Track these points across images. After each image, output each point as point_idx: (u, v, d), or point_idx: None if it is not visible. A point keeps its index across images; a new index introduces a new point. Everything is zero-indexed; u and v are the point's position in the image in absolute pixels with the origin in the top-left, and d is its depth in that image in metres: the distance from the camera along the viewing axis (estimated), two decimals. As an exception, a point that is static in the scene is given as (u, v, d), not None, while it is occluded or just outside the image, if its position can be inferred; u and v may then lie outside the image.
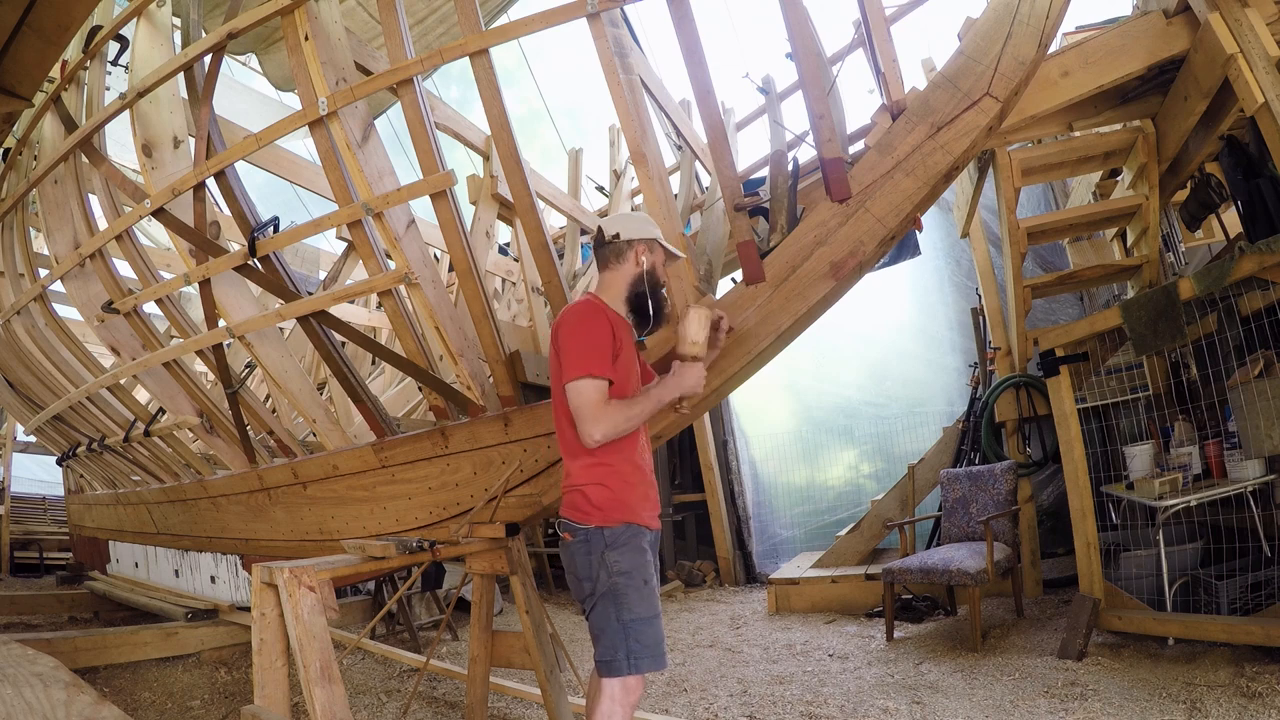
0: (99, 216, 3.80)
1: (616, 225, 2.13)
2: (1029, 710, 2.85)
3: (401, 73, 2.62)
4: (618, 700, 1.93)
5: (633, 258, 2.11)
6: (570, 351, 1.94)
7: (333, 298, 3.08)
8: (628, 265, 2.12)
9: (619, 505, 1.99)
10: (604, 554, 1.95)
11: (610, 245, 2.12)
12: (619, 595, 1.94)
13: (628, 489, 2.02)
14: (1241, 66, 3.28)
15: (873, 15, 2.41)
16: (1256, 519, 3.22)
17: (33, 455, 8.70)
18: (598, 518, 1.97)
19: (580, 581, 1.99)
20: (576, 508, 2.00)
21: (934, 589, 4.64)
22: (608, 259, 2.13)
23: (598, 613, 1.96)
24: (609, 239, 2.12)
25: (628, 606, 1.93)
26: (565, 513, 2.04)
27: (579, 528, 1.99)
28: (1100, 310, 4.71)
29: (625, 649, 1.91)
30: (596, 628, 1.97)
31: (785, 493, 7.06)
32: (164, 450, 4.25)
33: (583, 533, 1.98)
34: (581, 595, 2.01)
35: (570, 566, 2.02)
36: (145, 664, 3.81)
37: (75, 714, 1.95)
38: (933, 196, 2.43)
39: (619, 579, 1.94)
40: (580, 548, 1.98)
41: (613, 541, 1.96)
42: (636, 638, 1.92)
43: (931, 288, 6.76)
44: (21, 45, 2.05)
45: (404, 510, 3.14)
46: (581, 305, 2.02)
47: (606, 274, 2.15)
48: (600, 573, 1.95)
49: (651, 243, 2.14)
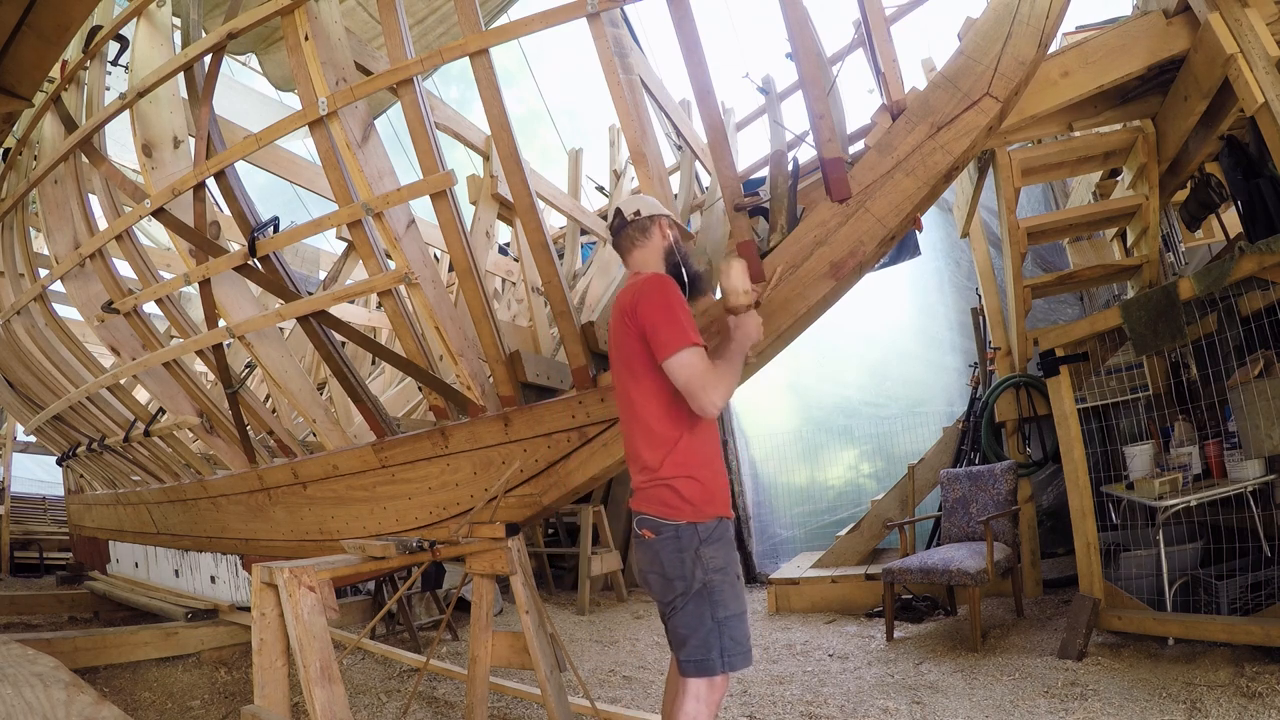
0: (99, 216, 3.80)
1: (635, 204, 2.12)
2: (1029, 710, 2.85)
3: (401, 73, 2.62)
4: (704, 700, 1.86)
5: (658, 232, 2.10)
6: (663, 326, 1.85)
7: (333, 298, 3.08)
8: (655, 240, 2.10)
9: (710, 499, 1.91)
10: (699, 550, 1.86)
11: (634, 224, 2.10)
12: (714, 592, 1.86)
13: (716, 480, 1.95)
14: (1241, 66, 3.28)
15: (873, 15, 2.41)
16: (1256, 519, 3.21)
17: (33, 455, 8.69)
18: (689, 513, 1.88)
19: (669, 581, 1.88)
20: (665, 503, 1.89)
21: (934, 589, 4.63)
22: (635, 238, 2.10)
23: (688, 612, 1.86)
24: (631, 218, 2.10)
25: (722, 603, 1.86)
26: (650, 509, 1.91)
27: (667, 524, 1.88)
28: (1100, 310, 4.71)
29: (720, 647, 1.85)
30: (686, 627, 1.87)
31: (785, 493, 7.06)
32: (164, 450, 4.25)
33: (671, 529, 1.88)
34: (669, 595, 1.89)
35: (653, 565, 1.91)
36: (145, 664, 3.81)
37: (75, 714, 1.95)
38: (933, 196, 2.43)
39: (714, 576, 1.87)
40: (669, 544, 1.87)
41: (707, 537, 1.88)
42: (730, 635, 1.86)
43: (931, 288, 6.76)
44: (21, 45, 2.05)
45: (404, 510, 3.14)
46: (654, 279, 1.95)
47: (638, 253, 2.10)
48: (695, 570, 1.86)
49: (669, 219, 2.14)
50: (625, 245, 2.12)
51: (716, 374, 1.85)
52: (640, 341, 1.90)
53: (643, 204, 2.13)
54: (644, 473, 1.95)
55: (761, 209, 2.60)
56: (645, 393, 1.93)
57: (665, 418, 1.92)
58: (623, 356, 1.97)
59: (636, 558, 2.01)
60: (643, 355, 1.91)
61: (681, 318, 1.86)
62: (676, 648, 1.92)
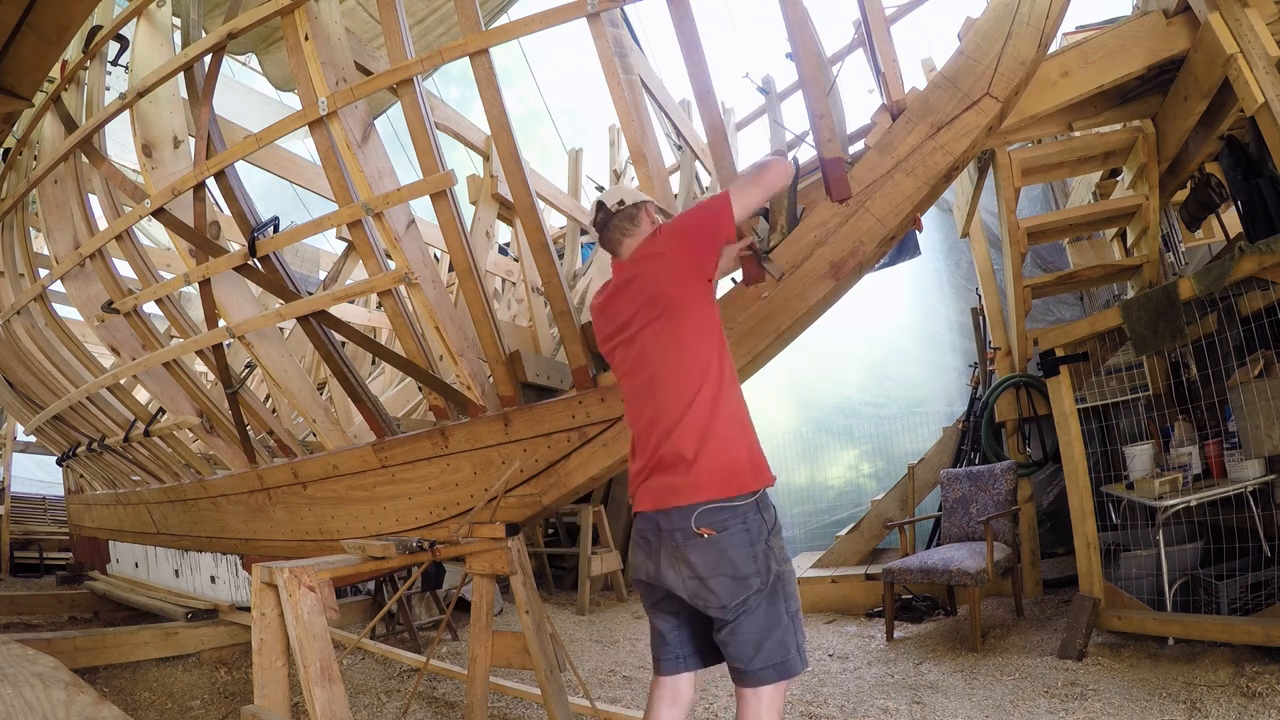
0: (99, 216, 3.79)
1: (618, 194, 2.09)
2: (1029, 710, 2.85)
3: (401, 73, 2.62)
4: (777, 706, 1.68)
5: (646, 218, 2.07)
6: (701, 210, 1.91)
7: (333, 298, 3.08)
8: (644, 225, 2.06)
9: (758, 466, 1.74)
10: (769, 541, 1.69)
11: (621, 213, 2.05)
12: (786, 583, 1.71)
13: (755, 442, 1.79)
14: (1241, 66, 3.28)
15: (873, 15, 2.41)
16: (1256, 519, 3.21)
17: (33, 455, 8.69)
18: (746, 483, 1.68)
19: (742, 579, 1.64)
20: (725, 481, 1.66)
21: (934, 589, 4.63)
22: (624, 228, 2.05)
23: (764, 612, 1.66)
24: (615, 207, 2.06)
25: (794, 594, 1.73)
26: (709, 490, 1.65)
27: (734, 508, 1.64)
28: (1100, 310, 4.71)
29: (796, 643, 1.69)
30: (761, 630, 1.65)
31: (785, 493, 7.06)
32: (164, 450, 4.25)
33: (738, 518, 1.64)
34: (740, 595, 1.64)
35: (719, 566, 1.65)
36: (145, 664, 3.81)
37: (75, 714, 1.95)
38: (933, 196, 2.43)
39: (785, 567, 1.72)
40: (738, 539, 1.64)
41: (772, 525, 1.73)
42: (799, 628, 1.72)
43: (931, 288, 6.77)
44: (21, 45, 2.05)
45: (404, 510, 3.14)
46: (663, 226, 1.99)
47: (629, 241, 2.04)
48: (769, 563, 1.68)
49: (653, 203, 2.12)
50: (615, 236, 2.05)
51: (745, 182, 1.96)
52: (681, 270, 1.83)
53: (624, 194, 2.09)
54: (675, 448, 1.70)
55: (762, 209, 2.60)
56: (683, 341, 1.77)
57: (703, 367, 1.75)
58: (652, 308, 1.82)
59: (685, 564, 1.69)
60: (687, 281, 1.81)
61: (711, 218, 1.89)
62: (744, 658, 1.67)
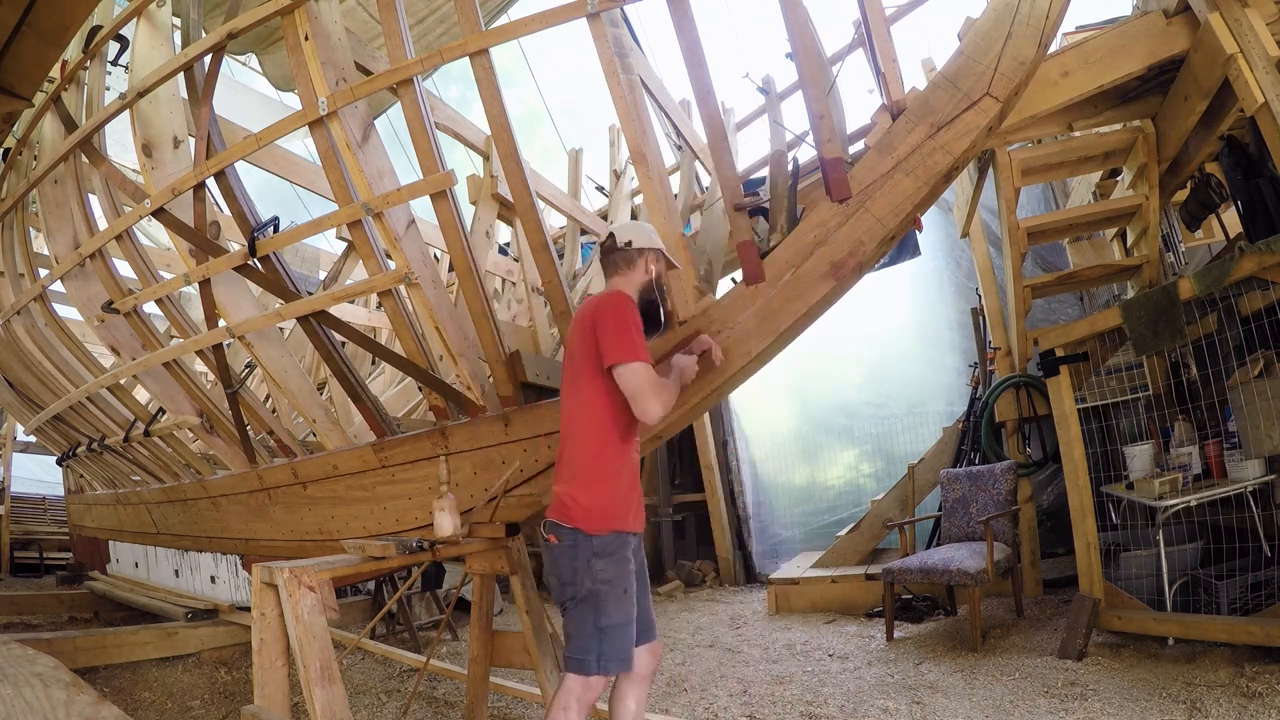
0: (99, 216, 3.79)
1: (629, 233, 2.20)
2: (1029, 710, 2.85)
3: (401, 73, 2.62)
4: (575, 695, 1.97)
5: (643, 265, 2.19)
6: (618, 335, 1.96)
7: (333, 298, 3.08)
8: (638, 272, 2.19)
9: (609, 514, 2.01)
10: (590, 561, 1.97)
11: (621, 252, 2.18)
12: (599, 601, 1.97)
13: (620, 496, 2.04)
14: (1241, 66, 3.27)
15: (873, 15, 2.41)
16: (1256, 519, 3.21)
17: (33, 455, 8.70)
18: (586, 524, 1.98)
19: (562, 585, 2.01)
20: (565, 512, 2.01)
21: (934, 589, 4.63)
22: (618, 265, 2.20)
23: (574, 615, 2.00)
24: (621, 245, 2.18)
25: (605, 613, 1.97)
26: (553, 514, 2.04)
27: (566, 530, 2.00)
28: (1100, 310, 4.71)
29: (597, 652, 1.96)
30: (572, 628, 2.01)
31: (785, 493, 7.06)
32: (164, 450, 4.25)
33: (570, 536, 1.99)
34: (561, 597, 2.03)
35: (552, 569, 2.04)
36: (145, 664, 3.81)
37: (75, 714, 1.96)
38: (933, 196, 2.42)
39: (601, 586, 1.97)
40: (565, 552, 1.99)
41: (600, 550, 1.98)
42: (610, 642, 1.97)
43: (931, 288, 6.76)
44: (21, 45, 2.05)
45: (404, 510, 3.14)
46: (616, 296, 2.06)
47: (617, 279, 2.20)
48: (584, 579, 1.97)
49: (659, 253, 2.22)
50: (608, 269, 2.23)
51: (662, 386, 2.00)
52: (593, 348, 2.00)
53: (636, 234, 2.20)
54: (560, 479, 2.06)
55: (761, 209, 2.60)
56: (585, 398, 2.04)
57: (597, 422, 2.03)
58: (574, 364, 2.07)
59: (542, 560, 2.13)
60: (592, 362, 2.01)
61: (635, 334, 1.98)
62: (565, 643, 2.04)
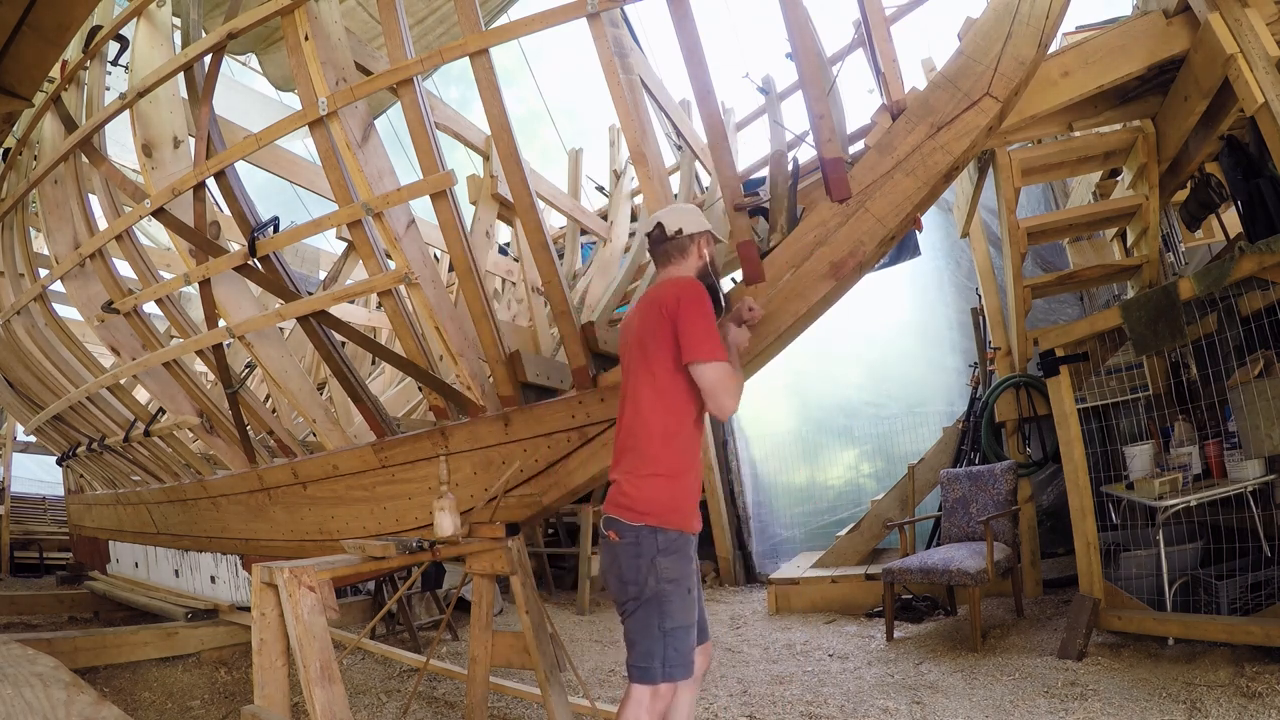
0: (99, 216, 3.80)
1: (677, 219, 2.13)
2: (1029, 710, 2.85)
3: (401, 73, 2.62)
4: (645, 706, 1.88)
5: (695, 251, 2.13)
6: (703, 331, 1.90)
7: (333, 298, 3.09)
8: (692, 259, 2.12)
9: (676, 509, 1.94)
10: (654, 559, 1.89)
11: (673, 240, 2.12)
12: (664, 602, 1.89)
13: (689, 491, 1.98)
14: (1241, 66, 3.27)
15: (873, 15, 2.41)
16: (1256, 519, 3.21)
17: (33, 455, 8.70)
18: (653, 519, 1.91)
19: (624, 585, 1.92)
20: (631, 507, 1.92)
21: (934, 589, 4.63)
22: (671, 254, 2.13)
23: (638, 619, 1.90)
24: (672, 235, 2.11)
25: (670, 615, 1.89)
26: (614, 510, 1.95)
27: (629, 526, 1.91)
28: (1100, 310, 4.71)
29: (662, 657, 1.88)
30: (635, 633, 1.91)
31: (785, 493, 7.06)
32: (164, 450, 4.25)
33: (633, 533, 1.90)
34: (624, 598, 1.93)
35: (612, 568, 1.95)
36: (145, 664, 3.81)
37: (75, 714, 1.96)
38: (933, 196, 2.43)
39: (667, 586, 1.89)
40: (629, 549, 1.90)
41: (665, 547, 1.91)
42: (674, 646, 1.89)
43: (931, 288, 6.76)
44: (21, 45, 2.05)
45: (404, 510, 3.14)
46: (695, 285, 1.99)
47: (671, 269, 2.13)
48: (649, 578, 1.89)
49: (709, 235, 2.16)
50: (661, 260, 2.16)
51: (737, 382, 1.95)
52: (671, 337, 1.93)
53: (685, 219, 2.13)
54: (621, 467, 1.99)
55: (761, 209, 2.60)
56: (661, 384, 1.96)
57: (670, 411, 1.96)
58: (645, 351, 1.98)
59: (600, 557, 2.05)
60: (669, 351, 1.94)
61: (714, 328, 1.93)
62: (627, 650, 1.96)
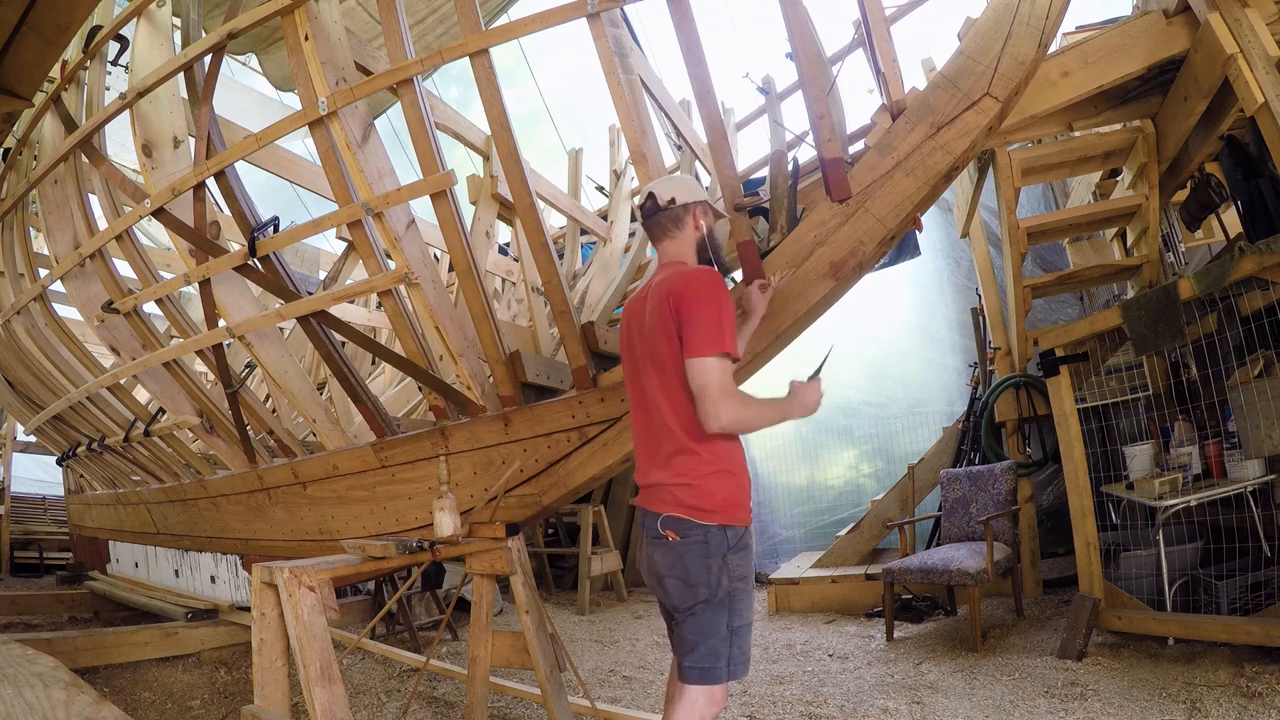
0: (99, 216, 3.80)
1: (670, 189, 1.99)
2: (1029, 710, 2.85)
3: (401, 73, 2.62)
4: (701, 709, 1.79)
5: (691, 222, 1.99)
6: (704, 323, 1.75)
7: (333, 298, 3.08)
8: (688, 230, 1.99)
9: (741, 505, 1.84)
10: (726, 557, 1.79)
11: (667, 212, 1.97)
12: (735, 600, 1.80)
13: (747, 487, 1.88)
14: (1241, 66, 3.27)
15: (873, 15, 2.41)
16: (1256, 519, 3.21)
17: (33, 455, 8.70)
18: (722, 516, 1.79)
19: (691, 586, 1.79)
20: (695, 505, 1.79)
21: (934, 589, 4.63)
22: (666, 227, 1.98)
23: (705, 619, 1.79)
24: (664, 205, 1.97)
25: (739, 613, 1.81)
26: (676, 510, 1.80)
27: (694, 525, 1.78)
28: (1100, 310, 4.71)
29: (728, 656, 1.79)
30: (699, 633, 1.80)
31: (785, 493, 7.06)
32: (164, 450, 4.25)
33: (700, 532, 1.78)
34: (689, 601, 1.80)
35: (673, 569, 1.80)
36: (145, 664, 3.80)
37: (75, 714, 1.95)
38: (933, 196, 2.43)
39: (738, 584, 1.81)
40: (696, 549, 1.78)
41: (735, 544, 1.81)
42: (739, 644, 1.81)
43: (931, 288, 6.76)
44: (21, 45, 2.05)
45: (404, 510, 3.15)
46: (707, 273, 1.84)
47: (669, 243, 1.99)
48: (722, 578, 1.78)
49: (704, 204, 2.02)
50: (656, 233, 2.01)
51: (737, 397, 1.77)
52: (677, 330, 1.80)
53: (678, 189, 1.99)
54: (660, 463, 1.85)
55: (761, 209, 2.60)
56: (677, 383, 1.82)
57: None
58: (654, 346, 1.85)
59: (650, 558, 1.87)
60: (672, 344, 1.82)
61: (726, 321, 1.77)
62: (682, 653, 1.84)
